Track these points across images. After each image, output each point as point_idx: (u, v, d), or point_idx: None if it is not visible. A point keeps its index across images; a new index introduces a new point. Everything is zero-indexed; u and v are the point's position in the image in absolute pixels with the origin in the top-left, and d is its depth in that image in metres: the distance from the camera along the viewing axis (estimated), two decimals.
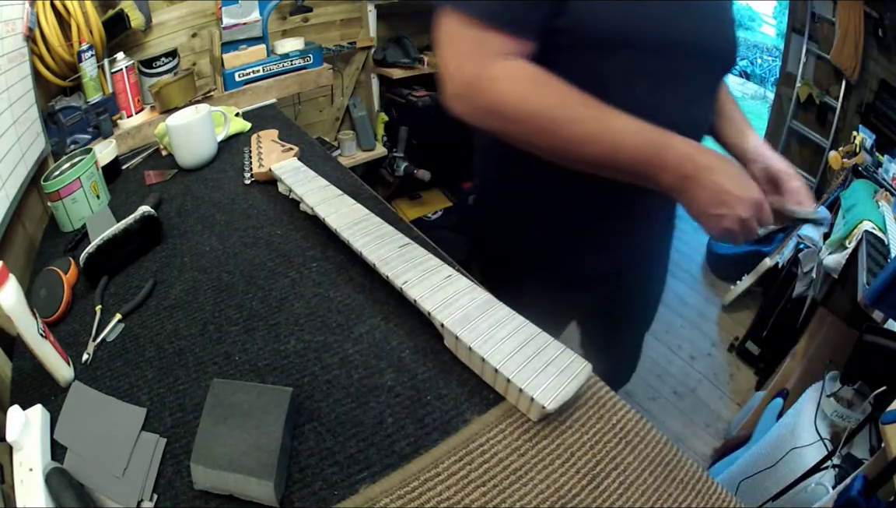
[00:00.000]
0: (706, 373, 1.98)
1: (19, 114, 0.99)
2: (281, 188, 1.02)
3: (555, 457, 0.54)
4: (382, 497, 0.51)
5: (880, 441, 0.83)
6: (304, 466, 0.55)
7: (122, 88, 1.32)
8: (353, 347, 0.68)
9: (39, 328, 0.62)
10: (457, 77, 0.61)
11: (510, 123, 0.61)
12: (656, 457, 0.55)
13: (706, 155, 0.59)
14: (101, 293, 0.82)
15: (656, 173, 0.59)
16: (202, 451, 0.52)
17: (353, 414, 0.60)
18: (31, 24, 1.08)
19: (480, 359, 0.59)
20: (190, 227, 0.97)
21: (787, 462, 1.10)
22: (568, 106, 0.59)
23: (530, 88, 0.59)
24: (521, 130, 0.61)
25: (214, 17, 1.51)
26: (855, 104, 2.17)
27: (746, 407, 1.68)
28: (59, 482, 0.52)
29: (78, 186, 0.99)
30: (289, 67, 1.61)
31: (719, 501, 0.52)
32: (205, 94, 1.46)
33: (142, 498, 0.53)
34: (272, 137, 1.18)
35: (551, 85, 0.59)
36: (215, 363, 0.68)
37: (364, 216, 0.83)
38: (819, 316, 1.37)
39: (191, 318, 0.76)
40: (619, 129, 0.59)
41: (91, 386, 0.65)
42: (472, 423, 0.58)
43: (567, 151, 0.61)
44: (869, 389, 1.06)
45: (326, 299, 0.77)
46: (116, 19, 1.33)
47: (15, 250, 0.94)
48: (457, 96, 0.62)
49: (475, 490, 0.51)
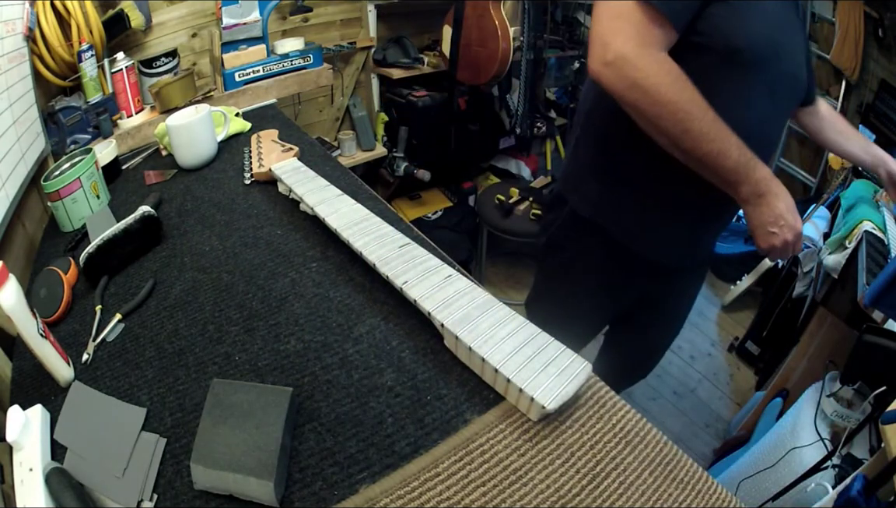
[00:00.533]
0: (706, 373, 1.98)
1: (19, 114, 0.99)
2: (281, 188, 1.02)
3: (555, 457, 0.54)
4: (382, 497, 0.51)
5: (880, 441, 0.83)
6: (304, 466, 0.55)
7: (122, 88, 1.32)
8: (353, 347, 0.68)
9: (39, 328, 0.62)
10: (616, 48, 0.67)
11: (649, 103, 0.68)
12: (656, 457, 0.55)
13: (778, 184, 0.73)
14: (101, 293, 0.82)
15: (740, 184, 0.71)
16: (202, 451, 0.52)
17: (353, 414, 0.60)
18: (31, 24, 1.08)
19: (480, 359, 0.59)
20: (190, 227, 0.97)
21: (787, 462, 1.10)
22: (699, 106, 0.68)
23: (675, 80, 0.67)
24: (656, 111, 0.68)
25: (214, 17, 1.51)
26: (855, 104, 2.16)
27: (746, 407, 1.68)
28: (59, 482, 0.52)
29: (78, 186, 0.99)
30: (289, 67, 1.61)
31: (719, 501, 0.52)
32: (205, 94, 1.46)
33: (142, 498, 0.53)
34: (272, 137, 1.18)
35: (689, 85, 0.68)
36: (215, 363, 0.68)
37: (364, 216, 0.83)
38: (819, 316, 1.37)
39: (191, 318, 0.76)
40: (729, 138, 0.69)
41: (91, 386, 0.65)
42: (472, 423, 0.58)
43: (686, 140, 0.69)
44: (869, 389, 1.06)
45: (326, 299, 0.77)
46: (116, 19, 1.33)
47: (15, 250, 0.94)
48: (608, 64, 0.68)
49: (475, 490, 0.51)
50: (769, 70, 0.75)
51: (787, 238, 0.74)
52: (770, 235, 0.74)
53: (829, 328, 1.32)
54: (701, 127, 0.68)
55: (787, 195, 0.73)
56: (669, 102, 0.67)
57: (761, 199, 0.72)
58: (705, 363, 2.03)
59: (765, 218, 0.74)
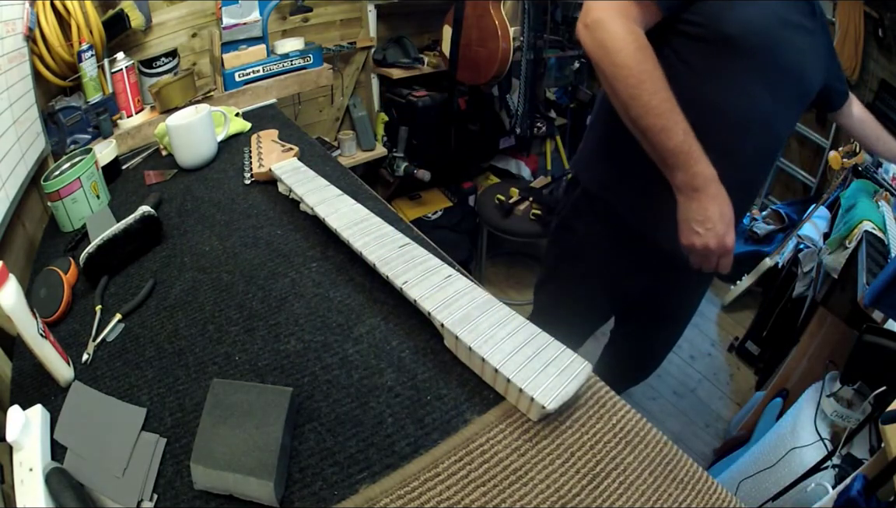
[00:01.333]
0: (706, 373, 1.98)
1: (19, 114, 0.99)
2: (281, 188, 1.02)
3: (555, 457, 0.54)
4: (382, 497, 0.51)
5: (880, 441, 0.82)
6: (304, 466, 0.55)
7: (122, 88, 1.32)
8: (353, 347, 0.68)
9: (39, 327, 0.62)
10: (596, 13, 0.72)
11: (608, 63, 0.72)
12: (656, 457, 0.55)
13: (718, 188, 0.72)
14: (101, 293, 0.82)
15: (677, 169, 0.72)
16: (202, 451, 0.52)
17: (353, 414, 0.60)
18: (31, 24, 1.08)
19: (480, 359, 0.59)
20: (190, 227, 0.97)
21: (787, 462, 1.10)
22: (653, 80, 0.71)
23: (637, 50, 0.71)
24: (612, 72, 0.72)
25: (214, 17, 1.51)
26: None
27: (746, 407, 1.68)
28: (59, 482, 0.52)
29: (78, 187, 0.99)
30: (289, 67, 1.61)
31: (719, 501, 0.52)
32: (205, 94, 1.46)
33: (142, 498, 0.53)
34: (272, 137, 1.18)
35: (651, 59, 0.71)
36: (215, 363, 0.68)
37: (364, 216, 0.83)
38: (819, 316, 1.37)
39: (191, 318, 0.76)
40: (679, 121, 0.71)
41: (91, 386, 0.65)
42: (472, 423, 0.58)
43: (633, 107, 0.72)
44: (869, 389, 1.06)
45: (326, 299, 0.77)
46: (116, 19, 1.33)
47: (15, 250, 0.94)
48: (587, 26, 0.73)
49: (475, 490, 0.51)
50: (765, 62, 0.76)
51: (710, 244, 0.74)
52: (693, 232, 0.75)
53: (829, 328, 1.32)
54: (650, 100, 0.70)
55: (725, 204, 0.74)
56: (625, 66, 0.70)
57: (695, 193, 0.73)
58: (705, 363, 2.03)
59: (693, 214, 0.74)
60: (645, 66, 0.70)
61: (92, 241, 0.84)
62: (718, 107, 0.79)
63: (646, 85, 0.70)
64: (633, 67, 0.70)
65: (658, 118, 0.71)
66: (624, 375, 1.37)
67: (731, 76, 0.77)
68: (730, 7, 0.74)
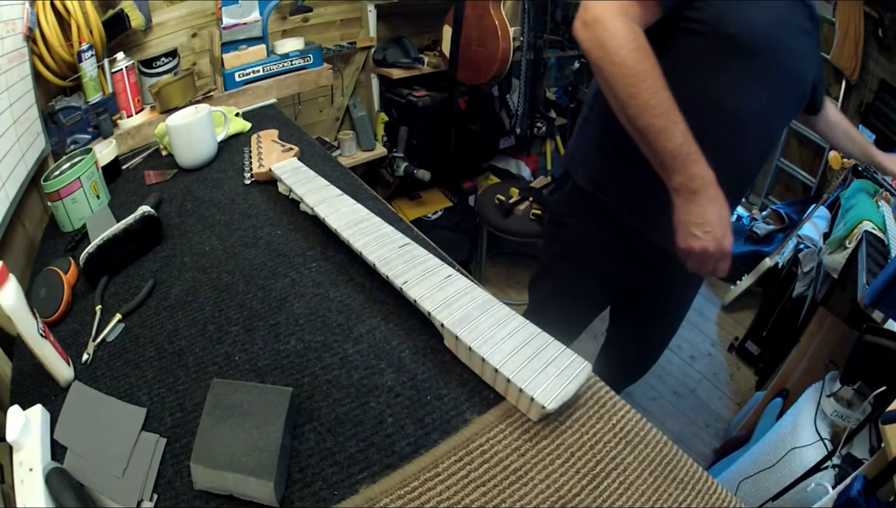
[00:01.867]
0: (706, 373, 1.98)
1: (19, 114, 0.99)
2: (281, 188, 1.02)
3: (555, 457, 0.54)
4: (382, 497, 0.51)
5: (880, 441, 0.83)
6: (304, 466, 0.55)
7: (122, 88, 1.32)
8: (353, 347, 0.68)
9: (39, 327, 0.62)
10: (595, 10, 0.71)
11: (607, 62, 0.71)
12: (656, 457, 0.55)
13: (717, 191, 0.71)
14: (101, 293, 0.82)
15: (675, 171, 0.71)
16: (202, 451, 0.52)
17: (353, 414, 0.60)
18: (31, 24, 1.08)
19: (480, 359, 0.59)
20: (190, 227, 0.97)
21: (787, 462, 1.10)
22: (653, 79, 0.70)
23: (636, 49, 0.70)
24: (611, 70, 0.71)
25: (214, 17, 1.51)
26: (855, 104, 2.16)
27: (746, 407, 1.68)
28: (59, 482, 0.52)
29: (78, 187, 0.99)
30: (289, 67, 1.61)
31: (719, 501, 0.52)
32: (205, 94, 1.46)
33: (142, 498, 0.53)
34: (272, 137, 1.18)
35: (650, 59, 0.70)
36: (215, 363, 0.68)
37: (364, 216, 0.83)
38: (819, 316, 1.37)
39: (191, 318, 0.76)
40: (678, 122, 0.70)
41: (91, 386, 0.65)
42: (472, 423, 0.58)
43: (631, 107, 0.71)
44: (869, 389, 1.06)
45: (326, 299, 0.77)
46: (116, 19, 1.33)
47: (15, 250, 0.94)
48: (585, 23, 0.72)
49: (475, 490, 0.51)
50: (767, 62, 0.76)
51: (708, 247, 0.73)
52: (691, 236, 0.74)
53: (829, 328, 1.32)
54: (648, 99, 0.69)
55: (723, 206, 0.72)
56: (624, 65, 0.69)
57: (693, 196, 0.72)
58: (705, 363, 2.03)
59: (691, 217, 0.73)
60: (644, 65, 0.70)
61: (92, 241, 0.84)
62: (718, 105, 0.79)
63: (645, 84, 0.70)
64: (632, 65, 0.69)
65: (657, 118, 0.70)
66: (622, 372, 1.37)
67: (732, 75, 0.77)
68: (733, 7, 0.73)
